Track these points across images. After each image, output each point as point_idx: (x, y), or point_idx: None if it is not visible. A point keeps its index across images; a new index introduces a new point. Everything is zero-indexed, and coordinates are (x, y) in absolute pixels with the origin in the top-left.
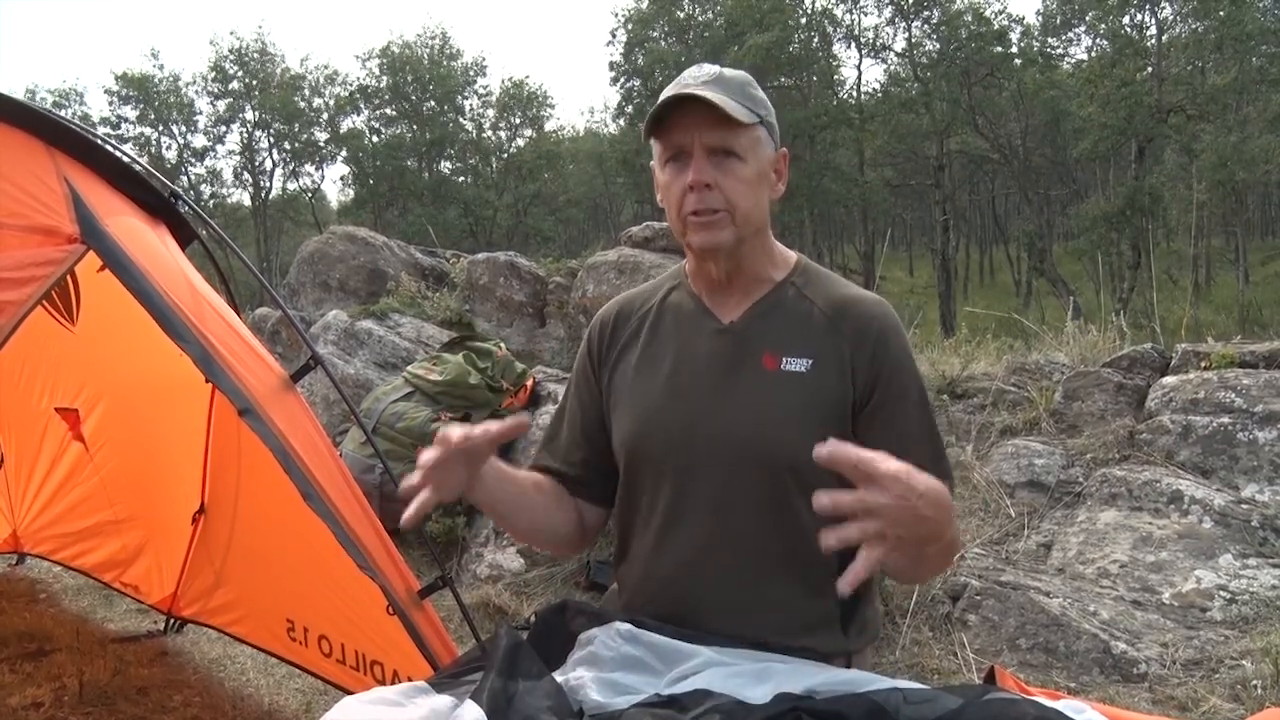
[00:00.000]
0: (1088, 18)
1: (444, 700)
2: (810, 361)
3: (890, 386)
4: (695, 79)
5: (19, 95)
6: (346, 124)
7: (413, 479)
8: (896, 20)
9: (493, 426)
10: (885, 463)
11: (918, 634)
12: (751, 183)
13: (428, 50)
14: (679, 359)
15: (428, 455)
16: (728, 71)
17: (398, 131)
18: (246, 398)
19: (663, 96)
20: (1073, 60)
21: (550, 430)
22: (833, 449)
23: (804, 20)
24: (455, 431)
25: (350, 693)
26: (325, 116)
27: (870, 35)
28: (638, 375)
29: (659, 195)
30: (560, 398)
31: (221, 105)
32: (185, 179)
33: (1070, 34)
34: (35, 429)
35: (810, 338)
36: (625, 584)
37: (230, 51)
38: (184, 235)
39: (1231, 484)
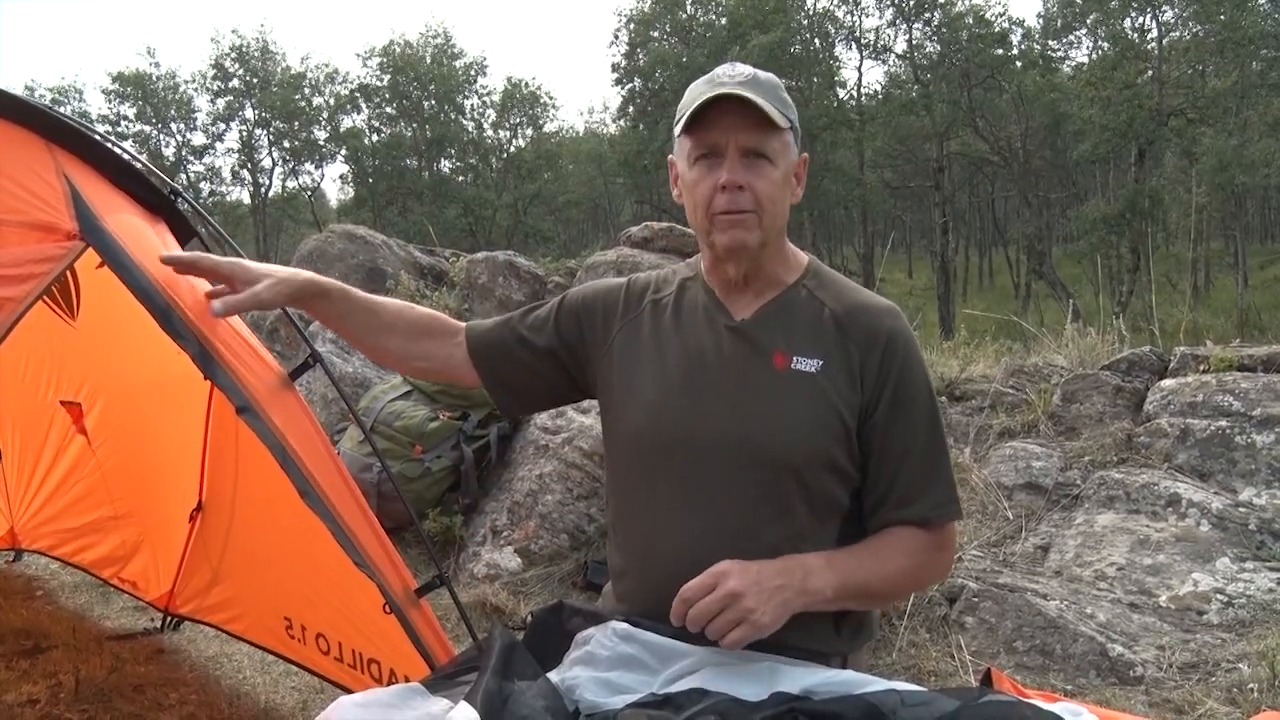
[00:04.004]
0: (1089, 20)
1: (439, 703)
2: (820, 362)
3: (896, 395)
4: (731, 78)
5: (18, 92)
6: (346, 123)
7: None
8: (897, 22)
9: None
10: (718, 565)
11: (915, 635)
12: (779, 186)
13: (430, 50)
14: (689, 353)
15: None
16: (761, 74)
17: (398, 130)
18: (244, 395)
19: (700, 95)
20: (1073, 63)
21: (512, 316)
22: (677, 615)
23: (805, 21)
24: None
25: (348, 691)
26: (325, 115)
27: (871, 37)
28: (647, 364)
29: (678, 191)
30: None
31: (221, 103)
32: (184, 177)
33: (1071, 37)
34: (40, 423)
35: (821, 339)
36: (621, 578)
37: (231, 49)
38: (184, 233)
39: (1229, 487)
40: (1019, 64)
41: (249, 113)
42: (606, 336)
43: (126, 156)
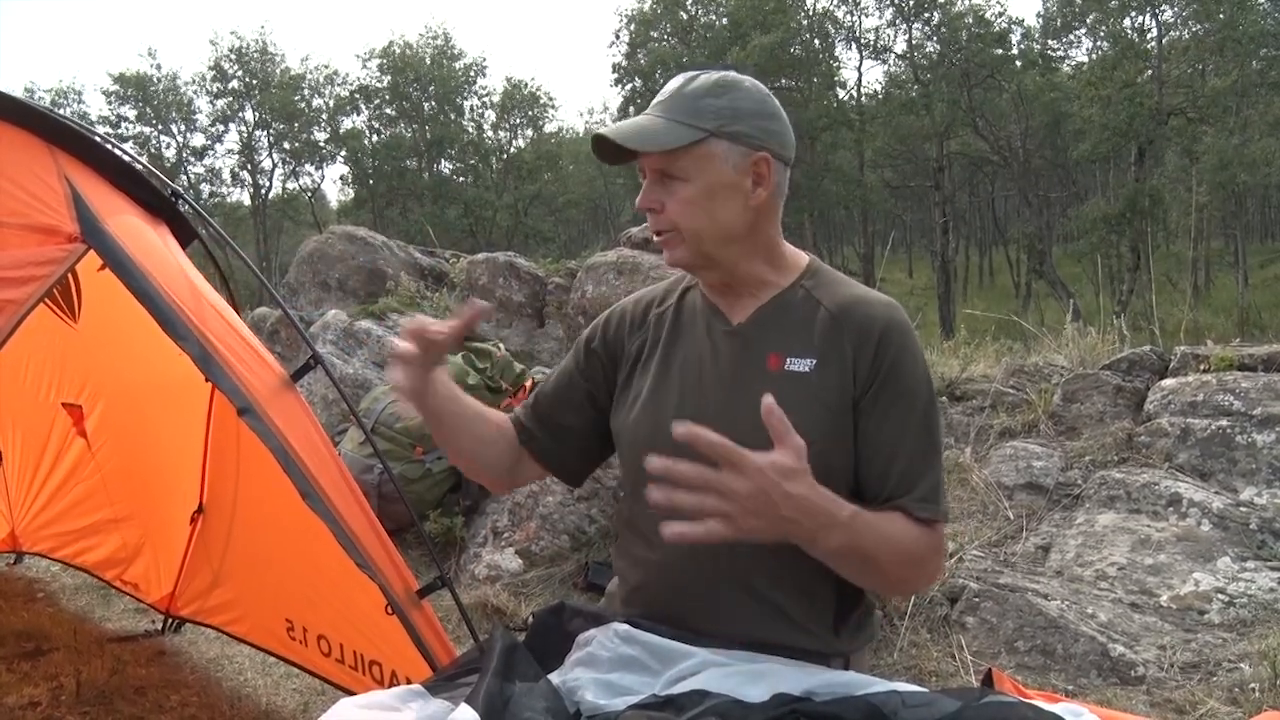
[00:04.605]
0: (1088, 20)
1: (439, 704)
2: (813, 362)
3: (887, 386)
4: (660, 96)
5: (17, 94)
6: (346, 124)
7: (400, 349)
8: (897, 22)
9: (454, 321)
10: (759, 456)
11: (916, 636)
12: (697, 201)
13: (429, 51)
14: (691, 360)
15: (403, 344)
16: (699, 80)
17: (398, 131)
18: (246, 397)
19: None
20: (1073, 63)
21: (539, 387)
22: (689, 430)
23: (805, 21)
24: (420, 325)
25: (350, 693)
26: (325, 116)
27: (871, 37)
28: (654, 375)
29: None
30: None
31: (221, 104)
32: (185, 178)
33: (1070, 36)
34: (42, 424)
35: (814, 338)
36: (624, 581)
37: (230, 51)
38: (184, 234)
39: (1230, 487)
40: (1019, 63)
41: (249, 114)
42: (625, 353)
43: (127, 158)
